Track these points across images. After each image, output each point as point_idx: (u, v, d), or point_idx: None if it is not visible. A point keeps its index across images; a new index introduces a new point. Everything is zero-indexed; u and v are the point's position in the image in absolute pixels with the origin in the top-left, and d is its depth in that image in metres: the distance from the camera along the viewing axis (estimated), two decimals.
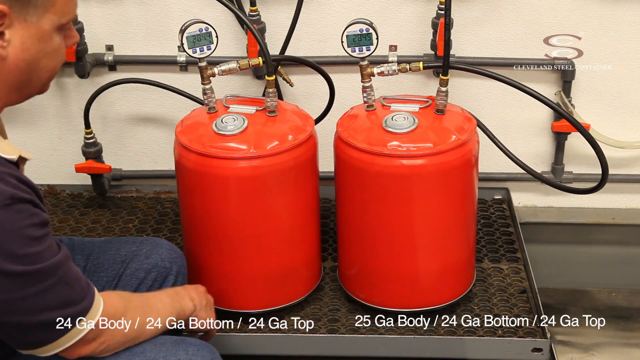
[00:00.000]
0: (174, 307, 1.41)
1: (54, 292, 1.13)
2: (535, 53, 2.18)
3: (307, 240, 1.87)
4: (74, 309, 1.16)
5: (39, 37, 1.16)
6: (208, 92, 1.81)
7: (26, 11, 1.13)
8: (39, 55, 1.17)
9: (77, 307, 1.17)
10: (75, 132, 2.33)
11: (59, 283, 1.14)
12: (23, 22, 1.13)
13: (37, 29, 1.15)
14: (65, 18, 1.18)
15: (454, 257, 1.85)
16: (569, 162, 2.31)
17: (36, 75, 1.19)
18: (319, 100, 2.11)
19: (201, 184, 1.75)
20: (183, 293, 1.47)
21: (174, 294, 1.45)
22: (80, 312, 1.18)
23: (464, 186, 1.79)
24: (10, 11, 1.11)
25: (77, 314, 1.17)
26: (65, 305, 1.15)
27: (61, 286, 1.14)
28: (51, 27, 1.17)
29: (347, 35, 1.74)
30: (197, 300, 1.48)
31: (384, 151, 1.71)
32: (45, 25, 1.16)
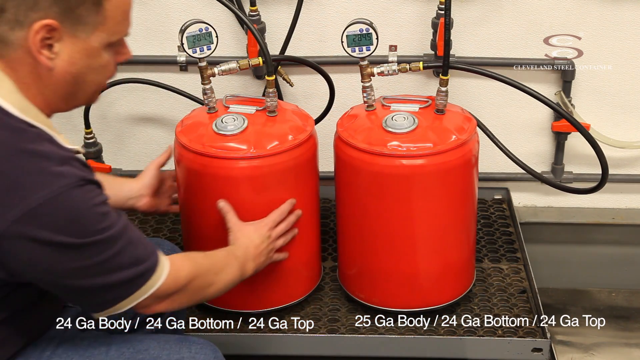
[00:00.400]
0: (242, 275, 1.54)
1: (125, 252, 1.20)
2: (535, 53, 2.18)
3: (307, 240, 1.87)
4: (144, 265, 1.23)
5: (87, 52, 1.20)
6: (208, 92, 1.81)
7: (76, 27, 1.17)
8: (86, 70, 1.21)
9: (146, 264, 1.24)
10: (75, 132, 2.32)
11: (128, 244, 1.21)
12: (73, 37, 1.18)
13: (85, 45, 1.19)
14: (115, 37, 1.22)
15: (454, 257, 1.85)
16: (569, 162, 2.31)
17: (82, 88, 1.24)
18: (319, 100, 2.12)
19: (201, 184, 1.75)
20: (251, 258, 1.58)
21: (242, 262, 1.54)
22: (150, 267, 1.25)
23: (464, 186, 1.79)
24: (61, 26, 1.15)
25: (147, 269, 1.24)
26: (136, 263, 1.22)
27: (130, 246, 1.22)
28: (100, 44, 1.21)
29: (347, 35, 1.74)
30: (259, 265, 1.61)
31: (383, 151, 1.71)
32: (94, 42, 1.20)
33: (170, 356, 1.30)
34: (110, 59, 1.25)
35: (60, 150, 1.16)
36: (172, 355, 1.30)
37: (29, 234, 1.11)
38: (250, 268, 1.57)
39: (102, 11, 1.18)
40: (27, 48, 1.16)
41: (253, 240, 1.62)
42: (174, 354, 1.30)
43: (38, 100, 1.19)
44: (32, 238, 1.12)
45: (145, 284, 1.24)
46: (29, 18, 1.14)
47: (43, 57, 1.16)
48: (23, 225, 1.11)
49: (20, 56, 1.16)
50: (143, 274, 1.24)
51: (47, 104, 1.21)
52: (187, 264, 1.35)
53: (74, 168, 1.15)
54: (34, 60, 1.17)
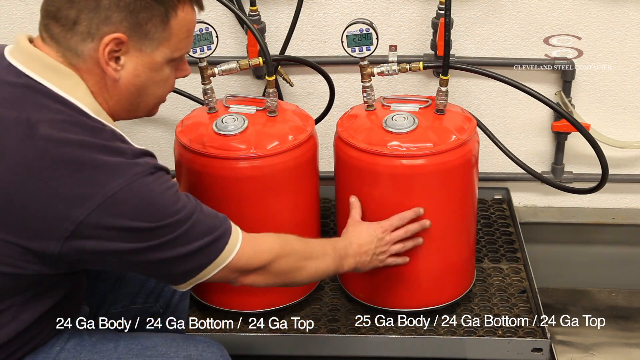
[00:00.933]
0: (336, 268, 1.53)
1: (201, 223, 1.24)
2: (535, 53, 2.18)
3: None
4: (219, 231, 1.27)
5: (150, 66, 1.25)
6: (208, 92, 1.81)
7: (142, 42, 1.22)
8: (148, 83, 1.26)
9: (220, 230, 1.28)
10: None
11: (202, 216, 1.25)
12: (138, 51, 1.22)
13: (150, 59, 1.24)
14: (177, 53, 1.27)
15: (454, 257, 1.85)
16: (569, 162, 2.31)
17: (144, 100, 1.29)
18: (319, 100, 2.12)
19: (201, 184, 1.75)
20: (351, 255, 1.56)
21: (342, 256, 1.54)
22: (224, 233, 1.28)
23: (464, 186, 1.79)
24: (129, 40, 1.21)
25: (222, 235, 1.28)
26: (212, 230, 1.26)
27: (205, 217, 1.26)
28: (163, 59, 1.25)
29: (347, 35, 1.74)
30: (360, 264, 1.59)
31: (384, 151, 1.71)
32: (158, 57, 1.24)
33: (178, 353, 1.31)
34: (171, 74, 1.30)
35: (132, 147, 1.21)
36: (180, 352, 1.31)
37: (108, 223, 1.15)
38: (349, 264, 1.56)
39: (168, 28, 1.23)
40: (96, 59, 1.20)
41: (361, 237, 1.61)
42: (181, 351, 1.31)
43: (104, 108, 1.24)
44: (110, 226, 1.15)
45: (224, 250, 1.28)
46: (100, 31, 1.19)
47: (110, 68, 1.21)
48: (102, 213, 1.14)
49: (89, 66, 1.21)
50: (218, 239, 1.27)
51: (110, 113, 1.25)
52: (273, 240, 1.40)
53: (146, 159, 1.21)
54: (101, 71, 1.21)
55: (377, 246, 1.63)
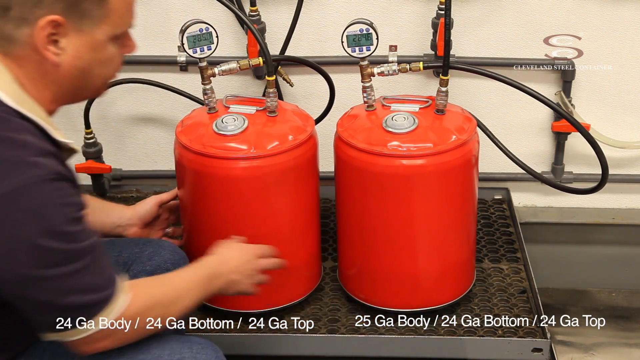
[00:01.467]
0: (206, 293, 1.40)
1: (84, 274, 1.14)
2: (535, 53, 2.18)
3: (307, 240, 1.87)
4: (100, 294, 1.17)
5: (92, 46, 1.20)
6: (208, 92, 1.81)
7: (81, 22, 1.17)
8: (92, 64, 1.21)
9: (102, 293, 1.18)
10: (75, 132, 2.32)
11: (90, 266, 1.15)
12: (78, 31, 1.18)
13: (91, 39, 1.19)
14: (120, 29, 1.22)
15: (454, 257, 1.85)
16: (569, 162, 2.31)
17: (89, 82, 1.24)
18: (319, 100, 2.12)
19: (201, 184, 1.75)
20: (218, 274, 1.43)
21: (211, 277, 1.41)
22: (105, 298, 1.19)
23: (464, 186, 1.79)
24: (66, 21, 1.15)
25: (102, 299, 1.18)
26: (93, 290, 1.16)
27: (92, 269, 1.16)
28: (105, 37, 1.21)
29: (347, 36, 1.74)
30: (230, 283, 1.46)
31: (384, 151, 1.71)
32: (100, 36, 1.20)
33: (172, 356, 1.29)
34: (116, 51, 1.24)
35: (42, 143, 1.13)
36: (174, 355, 1.30)
37: None
38: (218, 284, 1.44)
39: (106, 4, 1.19)
40: (33, 45, 1.16)
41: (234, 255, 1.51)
42: (175, 354, 1.30)
43: (45, 95, 1.19)
44: None
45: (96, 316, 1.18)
46: (34, 15, 1.14)
47: (49, 53, 1.16)
48: None
49: (27, 53, 1.16)
50: (98, 304, 1.17)
51: (54, 99, 1.21)
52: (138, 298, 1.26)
53: (51, 162, 1.12)
54: (40, 57, 1.17)
55: (248, 268, 1.51)
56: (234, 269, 1.48)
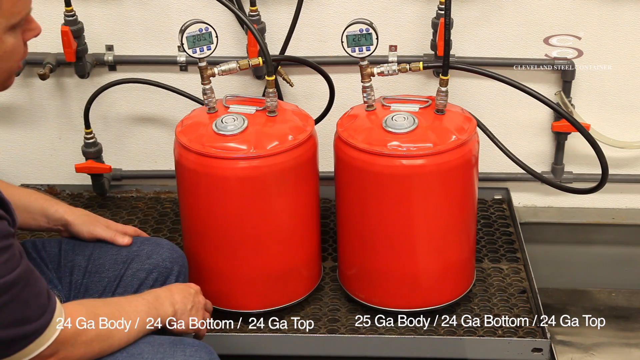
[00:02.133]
0: (150, 313, 1.36)
1: (7, 310, 1.10)
2: (535, 53, 2.18)
3: (307, 240, 1.87)
4: (29, 327, 1.14)
5: None
6: (208, 92, 1.81)
7: None
8: None
9: (32, 326, 1.14)
10: (75, 132, 2.33)
11: (13, 301, 1.11)
12: None
13: None
14: (15, 18, 1.15)
15: (454, 257, 1.85)
16: (569, 162, 2.31)
17: None
18: (319, 100, 2.11)
19: (201, 184, 1.75)
20: (164, 297, 1.41)
21: (153, 299, 1.39)
22: (36, 330, 1.15)
23: (464, 186, 1.79)
24: None
25: (31, 332, 1.15)
26: (19, 324, 1.12)
27: (16, 304, 1.12)
28: (0, 31, 1.14)
29: (347, 35, 1.74)
30: (179, 305, 1.43)
31: (384, 151, 1.71)
32: None
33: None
34: (17, 41, 1.18)
35: None
36: (167, 358, 1.29)
37: None
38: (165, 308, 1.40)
39: None
40: None
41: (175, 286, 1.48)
42: (168, 357, 1.29)
43: None
44: None
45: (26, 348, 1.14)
46: None
47: None
48: None
49: None
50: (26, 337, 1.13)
51: None
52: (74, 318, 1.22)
53: None
54: None
55: (195, 297, 1.47)
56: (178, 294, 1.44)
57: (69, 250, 1.55)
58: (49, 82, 2.26)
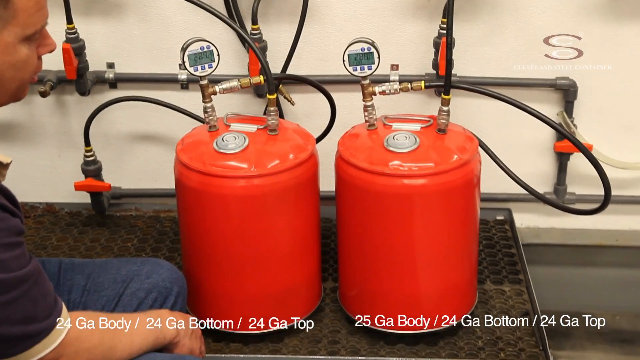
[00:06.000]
0: (152, 332, 1.38)
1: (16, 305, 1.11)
2: (538, 73, 2.18)
3: (307, 260, 1.87)
4: (35, 326, 1.15)
5: (1, 49, 1.16)
6: (209, 110, 1.82)
7: None
8: (4, 67, 1.18)
9: (38, 325, 1.15)
10: (75, 149, 2.33)
11: (22, 297, 1.12)
12: None
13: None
14: (30, 29, 1.18)
15: (456, 278, 1.85)
16: (571, 183, 2.31)
17: (3, 86, 1.20)
18: (320, 119, 2.11)
19: (201, 202, 1.76)
20: (166, 316, 1.43)
21: (155, 316, 1.41)
22: (42, 330, 1.16)
23: (465, 206, 1.80)
24: None
25: (38, 332, 1.15)
26: (26, 322, 1.13)
27: (25, 301, 1.13)
28: (15, 39, 1.17)
29: (349, 54, 1.76)
30: (182, 327, 1.45)
31: (385, 170, 1.71)
32: (8, 38, 1.16)
33: None
34: (31, 52, 1.21)
35: None
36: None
37: None
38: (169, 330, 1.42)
39: (10, 5, 1.14)
40: None
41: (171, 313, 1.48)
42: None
43: None
44: None
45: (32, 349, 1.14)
46: None
47: None
48: None
49: None
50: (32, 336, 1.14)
51: None
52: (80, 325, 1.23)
53: None
54: None
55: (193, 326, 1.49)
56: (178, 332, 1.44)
57: (69, 270, 1.55)
58: (49, 99, 2.27)
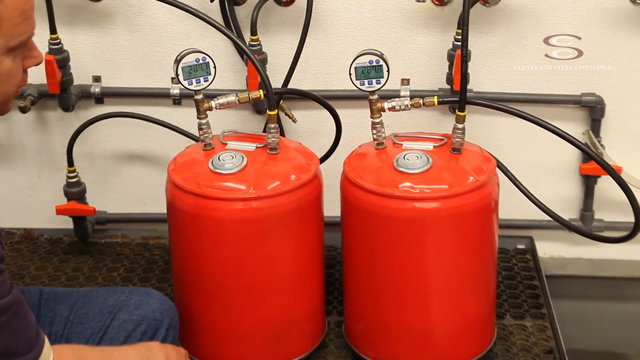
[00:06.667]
0: None
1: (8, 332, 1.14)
2: (561, 88, 2.20)
3: (310, 290, 1.89)
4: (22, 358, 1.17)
5: None
6: (204, 127, 1.83)
7: None
8: None
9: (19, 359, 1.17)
10: (56, 170, 2.35)
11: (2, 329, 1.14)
12: None
13: None
14: (15, 40, 1.21)
15: (472, 312, 1.86)
16: (599, 209, 2.32)
17: None
18: (324, 138, 2.13)
19: (195, 227, 1.77)
20: (157, 350, 1.44)
21: (145, 350, 1.43)
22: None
23: (482, 232, 1.81)
24: None
25: None
26: (6, 356, 1.15)
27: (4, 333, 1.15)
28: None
29: (356, 67, 1.78)
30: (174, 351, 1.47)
31: (395, 193, 1.73)
32: None
33: None
34: (16, 65, 1.23)
35: None
36: None
37: None
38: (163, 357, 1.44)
39: None
40: None
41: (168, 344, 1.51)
42: None
43: None
44: None
45: None
46: None
47: None
48: None
49: None
50: None
51: None
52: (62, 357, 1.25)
53: None
54: None
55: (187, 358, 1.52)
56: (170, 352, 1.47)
57: (50, 300, 1.57)
58: (29, 115, 2.29)
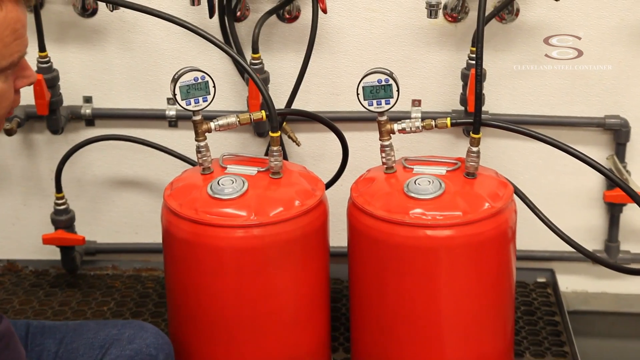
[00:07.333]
0: None
1: None
2: (584, 110, 2.22)
3: (314, 324, 1.90)
4: None
5: None
6: (203, 150, 1.86)
7: None
8: None
9: None
10: (43, 197, 2.37)
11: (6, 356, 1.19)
12: None
13: None
14: (5, 61, 1.25)
15: (488, 349, 1.87)
16: (625, 239, 2.34)
17: None
18: (330, 162, 2.15)
19: (193, 255, 1.80)
20: None
21: None
22: None
23: (499, 263, 1.83)
24: None
25: None
26: None
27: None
28: None
29: (364, 87, 1.81)
30: None
31: (405, 220, 1.75)
32: None
33: None
34: (7, 86, 1.27)
35: None
36: None
37: None
38: None
39: None
40: None
41: None
42: None
43: None
44: None
45: None
46: None
47: None
48: None
49: None
50: None
51: None
52: None
53: None
54: None
55: None
56: None
57: (37, 334, 1.60)
58: (15, 138, 2.31)
